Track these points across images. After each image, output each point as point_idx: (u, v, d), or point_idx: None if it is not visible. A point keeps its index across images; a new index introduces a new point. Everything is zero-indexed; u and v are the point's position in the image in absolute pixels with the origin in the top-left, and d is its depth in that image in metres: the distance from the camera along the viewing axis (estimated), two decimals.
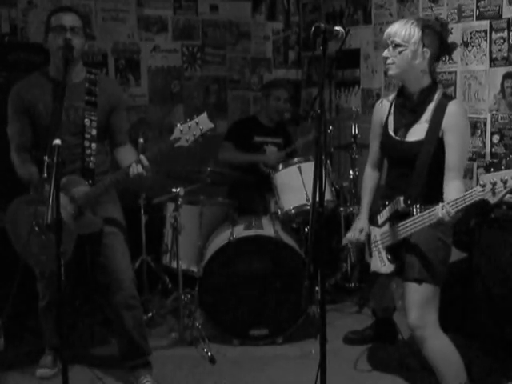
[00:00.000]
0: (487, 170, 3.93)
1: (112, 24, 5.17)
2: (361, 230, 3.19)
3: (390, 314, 3.77)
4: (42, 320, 3.53)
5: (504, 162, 3.88)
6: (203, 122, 2.95)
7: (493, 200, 2.43)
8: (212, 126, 2.96)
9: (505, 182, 2.38)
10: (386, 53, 2.90)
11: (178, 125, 2.95)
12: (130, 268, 3.37)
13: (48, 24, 3.14)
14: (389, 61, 2.90)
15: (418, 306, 2.92)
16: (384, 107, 3.11)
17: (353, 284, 4.57)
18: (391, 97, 3.11)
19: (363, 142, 4.58)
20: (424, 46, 2.85)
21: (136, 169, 3.00)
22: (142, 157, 3.01)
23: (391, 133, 3.02)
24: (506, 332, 3.42)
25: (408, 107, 2.97)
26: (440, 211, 2.62)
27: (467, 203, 2.53)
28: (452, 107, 2.83)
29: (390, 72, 2.93)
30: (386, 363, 3.61)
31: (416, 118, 2.92)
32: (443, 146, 2.83)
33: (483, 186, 2.43)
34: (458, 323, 3.62)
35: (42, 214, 2.94)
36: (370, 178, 3.29)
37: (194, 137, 2.94)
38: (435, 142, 2.84)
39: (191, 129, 2.93)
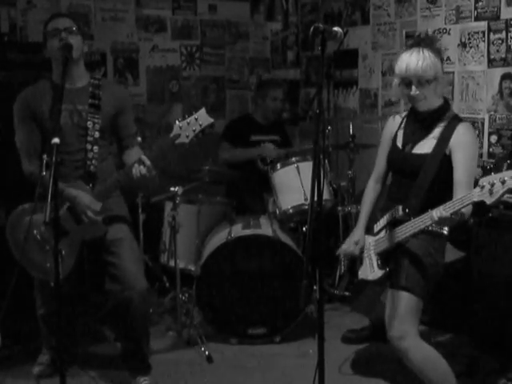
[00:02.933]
0: (487, 172, 3.93)
1: (111, 24, 5.18)
2: (356, 243, 3.17)
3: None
4: (42, 326, 3.52)
5: (505, 165, 3.88)
6: (202, 117, 2.94)
7: (489, 200, 2.42)
8: (211, 120, 2.96)
9: (503, 182, 2.37)
10: (414, 91, 2.84)
11: (177, 122, 2.94)
12: (143, 276, 3.27)
13: (45, 32, 3.16)
14: (420, 97, 2.86)
15: (401, 316, 2.90)
16: (396, 122, 3.14)
17: (338, 291, 4.52)
18: (404, 113, 3.13)
19: (361, 142, 4.60)
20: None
21: (139, 170, 2.98)
22: (144, 157, 2.98)
23: (399, 145, 3.04)
24: (504, 331, 3.43)
25: (419, 123, 2.98)
26: (435, 212, 2.63)
27: (464, 204, 2.52)
28: (461, 127, 2.86)
29: (422, 108, 2.91)
30: (383, 362, 3.61)
31: (425, 134, 2.94)
32: (449, 165, 2.84)
33: (482, 187, 2.43)
34: (455, 322, 3.63)
35: (40, 223, 2.94)
36: (371, 191, 3.27)
37: (194, 132, 2.93)
38: (441, 157, 2.85)
39: (190, 125, 2.93)
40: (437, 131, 2.91)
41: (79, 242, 3.14)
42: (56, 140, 2.55)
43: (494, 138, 4.09)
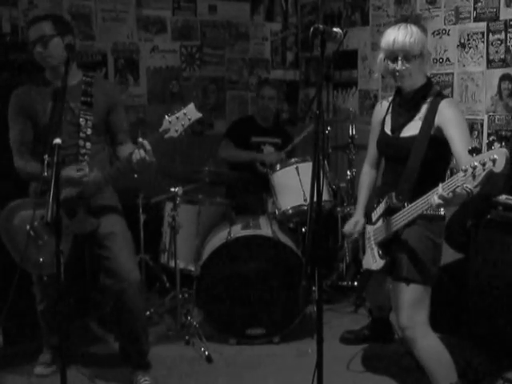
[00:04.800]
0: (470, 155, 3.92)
1: (111, 24, 5.19)
2: (355, 223, 3.22)
3: (386, 313, 3.78)
4: (42, 322, 3.54)
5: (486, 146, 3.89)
6: (191, 112, 2.98)
7: (472, 184, 2.38)
8: (200, 115, 2.99)
9: (483, 164, 2.34)
10: (400, 66, 2.84)
11: (166, 117, 2.97)
12: (136, 268, 3.30)
13: (26, 40, 3.20)
14: (405, 72, 2.86)
15: (408, 306, 2.93)
16: (383, 107, 3.15)
17: (346, 282, 4.59)
18: (390, 98, 3.15)
19: (360, 143, 4.61)
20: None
21: (139, 154, 2.98)
22: (145, 141, 2.99)
23: (387, 131, 3.06)
24: (502, 333, 3.44)
25: (404, 106, 3.00)
26: (433, 197, 2.62)
27: (451, 189, 2.48)
28: (444, 104, 2.86)
29: (406, 85, 2.93)
30: (382, 363, 3.62)
31: (411, 116, 2.95)
32: (436, 144, 2.85)
33: (465, 170, 2.40)
34: (453, 324, 3.64)
35: (35, 218, 3.00)
36: (366, 176, 3.33)
37: (183, 127, 2.96)
38: (428, 138, 2.86)
39: (179, 119, 2.96)
40: (421, 112, 2.92)
41: (71, 236, 3.15)
42: (58, 140, 2.57)
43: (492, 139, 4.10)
